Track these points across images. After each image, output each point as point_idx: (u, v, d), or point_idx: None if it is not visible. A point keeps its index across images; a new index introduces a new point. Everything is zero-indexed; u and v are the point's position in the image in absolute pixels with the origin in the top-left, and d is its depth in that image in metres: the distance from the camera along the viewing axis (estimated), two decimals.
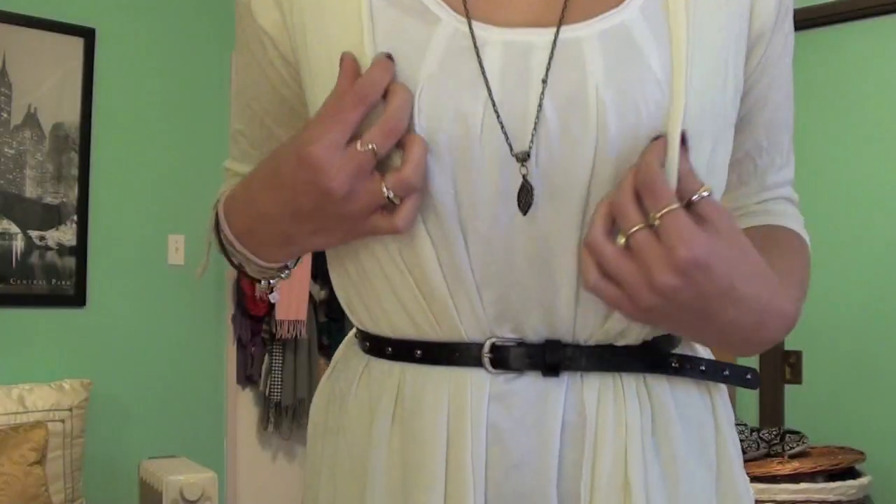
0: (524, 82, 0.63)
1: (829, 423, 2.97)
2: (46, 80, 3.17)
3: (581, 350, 0.67)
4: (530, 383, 0.67)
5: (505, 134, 0.62)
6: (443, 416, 0.67)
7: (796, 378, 3.07)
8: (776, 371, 3.08)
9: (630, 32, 0.63)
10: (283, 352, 3.66)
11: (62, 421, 2.88)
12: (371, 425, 0.71)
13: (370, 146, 0.61)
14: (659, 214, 0.58)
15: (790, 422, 3.05)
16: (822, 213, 3.04)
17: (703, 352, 0.74)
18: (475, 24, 0.64)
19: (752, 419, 3.09)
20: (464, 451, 0.66)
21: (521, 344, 0.67)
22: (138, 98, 3.40)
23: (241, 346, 3.68)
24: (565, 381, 0.67)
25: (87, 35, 3.26)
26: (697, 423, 0.71)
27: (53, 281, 3.17)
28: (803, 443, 2.75)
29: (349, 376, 0.75)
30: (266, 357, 3.68)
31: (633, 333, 0.67)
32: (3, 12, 3.07)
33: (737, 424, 3.05)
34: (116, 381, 3.31)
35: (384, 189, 0.62)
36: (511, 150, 0.62)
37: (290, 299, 3.56)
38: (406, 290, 0.67)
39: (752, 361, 3.11)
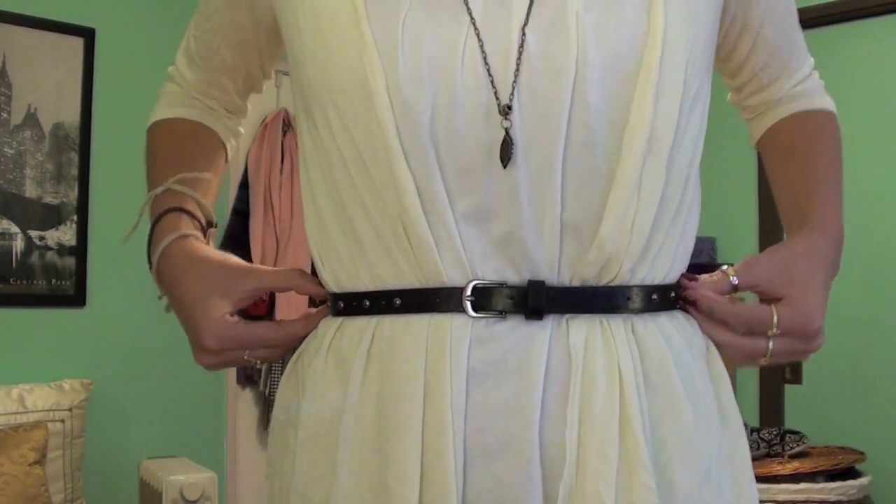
0: (505, 12, 0.64)
1: (829, 423, 2.96)
2: (46, 80, 3.17)
3: (566, 292, 0.65)
4: (513, 327, 0.64)
5: (488, 70, 0.63)
6: (420, 362, 0.64)
7: (796, 378, 3.07)
8: (776, 371, 3.08)
9: None
10: None
11: (62, 421, 2.88)
12: (343, 386, 0.68)
13: (246, 356, 0.76)
14: (775, 323, 0.72)
15: (790, 422, 3.05)
16: None
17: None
18: None
19: (752, 419, 3.08)
20: (442, 398, 0.63)
21: (503, 285, 0.64)
22: (138, 98, 3.39)
23: None
24: (549, 325, 0.64)
25: (87, 35, 3.26)
26: (691, 374, 0.69)
27: (53, 281, 3.17)
28: (803, 443, 2.75)
29: (316, 344, 0.73)
30: None
31: (619, 270, 0.65)
32: (3, 12, 3.07)
33: None
34: (116, 381, 3.31)
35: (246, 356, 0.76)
36: (493, 85, 0.63)
37: (290, 299, 3.56)
38: (387, 224, 0.66)
39: None
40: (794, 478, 2.57)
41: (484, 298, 0.64)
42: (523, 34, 0.63)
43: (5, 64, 3.08)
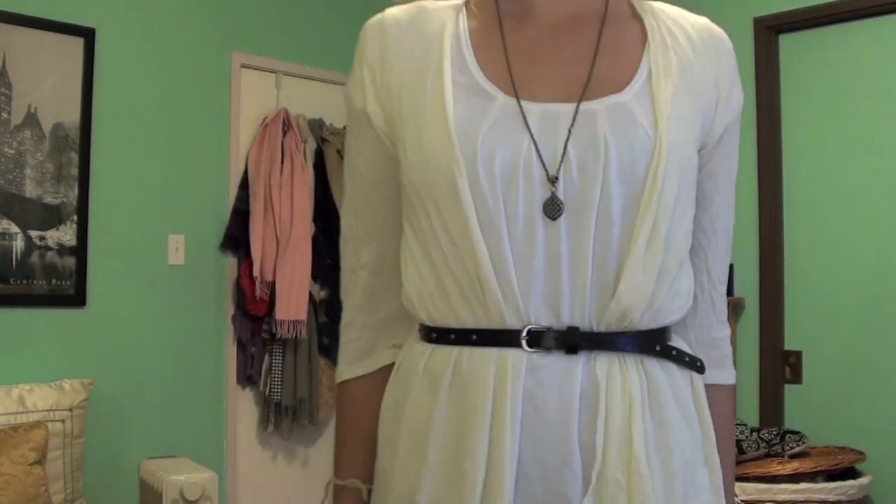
0: (555, 133, 0.91)
1: (829, 423, 2.96)
2: (46, 80, 3.17)
3: (594, 335, 0.91)
4: (555, 360, 0.90)
5: (542, 162, 0.90)
6: (490, 383, 0.90)
7: (796, 378, 3.07)
8: (776, 371, 3.08)
9: (628, 107, 0.93)
10: (283, 352, 3.66)
11: (62, 421, 2.88)
12: (434, 394, 0.94)
13: None
14: None
15: (790, 422, 3.05)
16: (821, 213, 3.04)
17: (682, 344, 1.00)
18: (521, 100, 0.93)
19: (752, 419, 3.09)
20: (504, 411, 0.88)
21: (549, 329, 0.90)
22: (138, 98, 3.41)
23: (241, 346, 3.68)
24: (582, 358, 0.90)
25: (87, 35, 3.26)
26: (683, 400, 0.96)
27: (53, 281, 3.17)
28: (803, 443, 2.75)
29: (414, 362, 0.99)
30: (266, 357, 3.68)
31: (632, 319, 0.91)
32: (3, 12, 3.08)
33: (737, 424, 3.03)
34: (116, 381, 3.31)
35: None
36: (546, 173, 0.89)
37: (291, 299, 3.56)
38: (468, 283, 0.92)
39: (753, 361, 3.11)
40: (794, 478, 2.57)
41: (535, 338, 0.90)
42: (566, 148, 0.90)
43: (5, 64, 3.09)
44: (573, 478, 0.88)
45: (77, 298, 3.22)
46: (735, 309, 3.16)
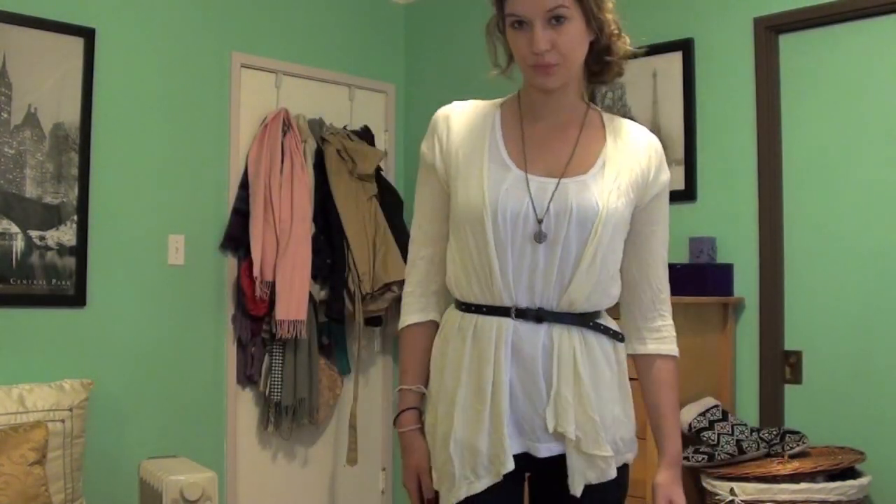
0: (543, 197, 1.51)
1: (829, 423, 2.96)
2: (46, 80, 3.17)
3: (553, 313, 1.52)
4: (530, 326, 1.51)
5: (535, 212, 1.50)
6: (493, 338, 1.51)
7: (796, 378, 3.07)
8: (776, 371, 3.08)
9: (587, 184, 1.53)
10: (283, 352, 3.66)
11: (62, 421, 2.88)
12: (463, 343, 1.55)
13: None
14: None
15: (790, 422, 3.05)
16: (821, 213, 3.03)
17: (610, 323, 1.60)
18: (528, 173, 1.54)
19: (752, 419, 3.08)
20: (501, 354, 1.50)
21: (528, 308, 1.52)
22: (138, 98, 3.40)
23: (241, 346, 3.68)
24: (545, 326, 1.52)
25: (87, 35, 3.26)
26: (607, 354, 1.57)
27: (53, 281, 3.17)
28: (803, 443, 2.74)
29: (452, 323, 1.60)
30: (266, 357, 3.68)
31: (576, 306, 1.52)
32: (3, 12, 3.07)
33: (737, 424, 3.02)
34: (116, 381, 3.31)
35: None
36: (537, 218, 1.50)
37: (291, 299, 3.56)
38: (484, 279, 1.52)
39: (753, 361, 3.11)
40: (794, 478, 2.57)
41: (519, 313, 1.51)
42: (549, 206, 1.50)
43: (5, 64, 3.09)
44: (539, 395, 1.51)
45: (77, 298, 3.22)
46: (735, 309, 3.15)
